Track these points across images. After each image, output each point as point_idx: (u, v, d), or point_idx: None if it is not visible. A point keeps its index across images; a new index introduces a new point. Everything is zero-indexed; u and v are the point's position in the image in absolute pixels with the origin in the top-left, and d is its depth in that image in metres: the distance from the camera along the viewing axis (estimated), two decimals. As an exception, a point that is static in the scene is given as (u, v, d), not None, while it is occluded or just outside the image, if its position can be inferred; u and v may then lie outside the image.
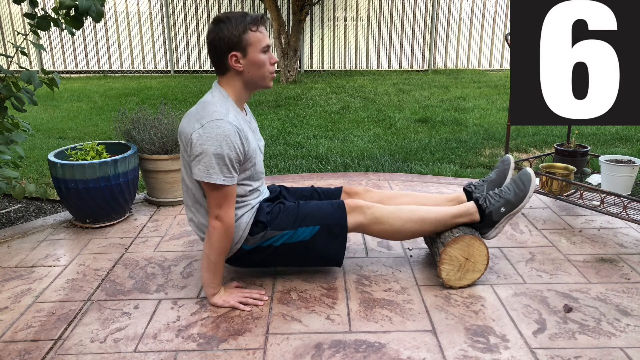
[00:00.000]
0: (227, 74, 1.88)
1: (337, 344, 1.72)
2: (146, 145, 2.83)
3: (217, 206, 1.83)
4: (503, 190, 2.08)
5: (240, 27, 1.80)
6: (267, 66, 1.88)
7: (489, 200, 2.08)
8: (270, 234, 1.99)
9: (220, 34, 1.80)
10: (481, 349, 1.69)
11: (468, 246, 2.01)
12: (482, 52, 9.00)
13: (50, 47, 8.77)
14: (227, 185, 1.82)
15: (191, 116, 1.87)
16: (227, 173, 1.80)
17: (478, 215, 2.07)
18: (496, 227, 2.08)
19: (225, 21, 1.80)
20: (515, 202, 2.04)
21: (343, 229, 2.01)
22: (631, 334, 1.75)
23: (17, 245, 2.50)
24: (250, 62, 1.84)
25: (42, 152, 4.21)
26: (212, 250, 1.87)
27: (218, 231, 1.84)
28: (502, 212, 2.05)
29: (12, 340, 1.76)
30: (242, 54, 1.82)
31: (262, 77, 1.89)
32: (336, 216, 2.01)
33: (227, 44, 1.81)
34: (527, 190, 2.03)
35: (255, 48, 1.83)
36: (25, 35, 2.54)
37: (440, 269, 2.01)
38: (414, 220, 2.05)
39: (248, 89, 1.92)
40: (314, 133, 4.75)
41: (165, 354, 1.68)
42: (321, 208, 2.04)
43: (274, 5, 7.49)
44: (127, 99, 6.50)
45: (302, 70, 8.93)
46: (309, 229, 2.00)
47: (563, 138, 4.45)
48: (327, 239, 2.01)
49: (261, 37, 1.84)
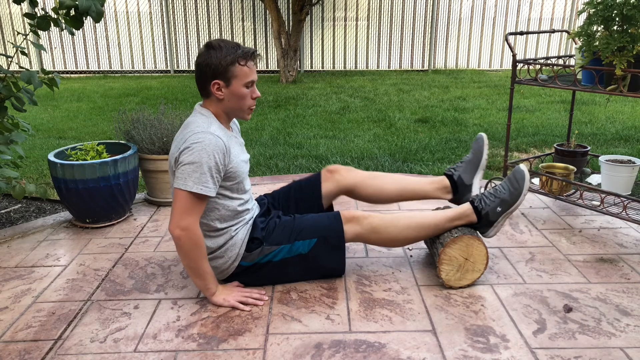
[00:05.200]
0: (209, 97, 1.92)
1: (337, 344, 1.72)
2: (146, 145, 2.83)
3: (186, 214, 1.80)
4: (498, 190, 2.08)
5: (230, 58, 1.83)
6: (247, 100, 1.92)
7: (484, 201, 2.08)
8: (267, 249, 1.99)
9: (208, 60, 1.84)
10: (481, 349, 1.69)
11: (467, 246, 2.01)
12: (482, 52, 9.00)
13: (50, 47, 8.77)
14: (202, 195, 1.82)
15: (177, 140, 1.90)
16: (205, 182, 1.80)
17: (475, 217, 2.08)
18: (494, 226, 2.08)
19: (217, 48, 1.84)
20: (511, 201, 2.04)
21: (340, 240, 2.01)
22: (631, 334, 1.75)
23: (17, 245, 2.50)
24: (231, 92, 1.88)
25: (42, 152, 4.21)
26: (189, 260, 1.85)
27: (185, 242, 1.81)
28: (499, 211, 2.05)
29: (12, 340, 1.76)
30: (226, 83, 1.86)
31: (240, 109, 1.93)
32: (333, 228, 2.02)
33: (212, 71, 1.84)
34: (521, 188, 2.03)
35: (240, 81, 1.87)
36: (25, 35, 2.54)
37: (440, 269, 2.01)
38: (411, 227, 2.05)
39: (227, 115, 1.97)
40: (314, 133, 4.75)
41: (165, 354, 1.68)
42: (317, 221, 2.04)
43: (274, 5, 7.48)
44: (127, 99, 6.50)
45: (302, 70, 8.92)
46: (306, 242, 2.01)
47: (563, 138, 4.45)
48: (325, 251, 2.01)
49: (248, 71, 1.87)
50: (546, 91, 6.72)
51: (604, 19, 2.23)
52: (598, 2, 2.25)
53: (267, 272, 2.03)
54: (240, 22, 8.85)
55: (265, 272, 2.03)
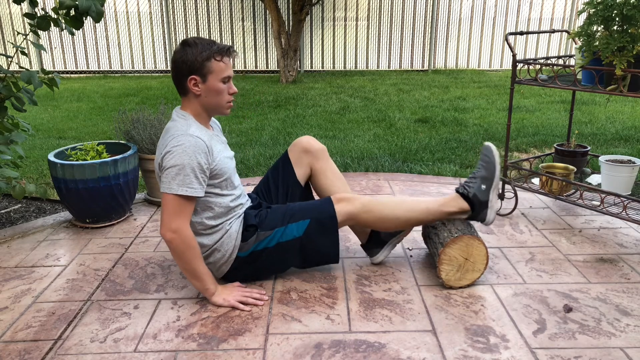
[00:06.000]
0: (186, 95, 1.94)
1: (337, 344, 1.72)
2: (146, 145, 2.83)
3: (175, 217, 1.81)
4: (475, 172, 2.13)
5: (205, 54, 1.86)
6: (224, 95, 1.94)
7: (467, 186, 2.11)
8: (262, 235, 2.01)
9: (184, 57, 1.86)
10: (481, 349, 1.69)
11: (467, 246, 2.01)
12: (482, 52, 9.00)
13: (50, 47, 8.77)
14: (188, 196, 1.83)
15: (159, 146, 1.92)
16: (189, 184, 1.81)
17: (466, 203, 2.09)
18: (490, 207, 2.09)
19: (192, 45, 1.86)
20: (489, 175, 2.07)
21: (332, 219, 2.02)
22: (631, 334, 1.75)
23: (17, 245, 2.50)
24: (208, 88, 1.90)
25: (42, 152, 4.21)
26: (183, 262, 1.86)
27: (178, 244, 1.82)
28: (484, 189, 2.08)
29: (12, 340, 1.76)
30: (202, 79, 1.88)
31: (218, 104, 1.95)
32: (324, 209, 2.04)
33: (188, 67, 1.86)
34: (493, 159, 2.07)
35: (216, 76, 1.89)
36: (25, 35, 2.54)
37: (440, 269, 2.01)
38: (403, 208, 2.07)
39: (206, 112, 1.98)
40: (314, 133, 4.75)
41: (165, 354, 1.68)
42: (309, 203, 2.08)
43: (274, 5, 7.48)
44: (127, 99, 6.50)
45: (302, 70, 8.92)
46: (300, 224, 2.02)
47: (563, 138, 4.45)
48: (318, 232, 2.03)
49: (224, 67, 1.90)
50: (546, 91, 6.72)
51: (604, 19, 2.23)
52: (598, 2, 2.25)
53: (265, 260, 2.04)
54: (240, 22, 8.85)
55: (262, 260, 2.03)
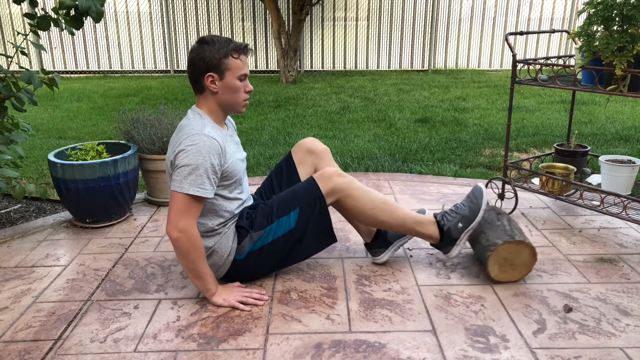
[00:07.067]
0: (203, 93, 1.94)
1: (337, 344, 1.72)
2: (146, 145, 2.83)
3: (183, 216, 1.81)
4: (459, 207, 2.13)
5: (223, 51, 1.86)
6: (241, 93, 1.94)
7: (446, 217, 2.11)
8: (255, 235, 2.00)
9: (202, 54, 1.86)
10: (481, 349, 1.69)
11: (515, 251, 2.04)
12: (482, 52, 9.00)
13: (50, 47, 8.77)
14: (199, 196, 1.83)
15: (172, 143, 1.92)
16: (201, 184, 1.81)
17: (437, 232, 2.10)
18: (457, 245, 2.10)
19: (210, 43, 1.87)
20: (471, 217, 2.07)
21: (321, 199, 2.01)
22: (631, 334, 1.75)
23: (17, 245, 2.50)
24: (225, 85, 1.90)
25: (42, 152, 4.21)
26: (187, 261, 1.86)
27: (183, 244, 1.82)
28: (460, 227, 2.08)
29: (12, 340, 1.76)
30: (219, 76, 1.89)
31: (235, 102, 1.95)
32: (310, 192, 2.02)
33: (206, 65, 1.87)
34: (480, 203, 2.07)
35: (233, 74, 1.89)
36: (25, 35, 2.54)
37: (489, 269, 2.05)
38: (385, 210, 2.06)
39: (222, 110, 1.98)
40: (314, 133, 4.75)
41: (165, 354, 1.68)
42: (293, 191, 2.05)
43: (274, 5, 7.48)
44: (127, 99, 6.50)
45: (302, 70, 8.92)
46: (290, 216, 2.01)
47: (563, 138, 4.45)
48: (311, 217, 2.01)
49: (241, 65, 1.90)
50: (546, 91, 6.72)
51: (604, 19, 2.23)
52: (598, 2, 2.25)
53: (264, 258, 2.03)
54: (240, 22, 8.85)
55: (261, 259, 2.03)
